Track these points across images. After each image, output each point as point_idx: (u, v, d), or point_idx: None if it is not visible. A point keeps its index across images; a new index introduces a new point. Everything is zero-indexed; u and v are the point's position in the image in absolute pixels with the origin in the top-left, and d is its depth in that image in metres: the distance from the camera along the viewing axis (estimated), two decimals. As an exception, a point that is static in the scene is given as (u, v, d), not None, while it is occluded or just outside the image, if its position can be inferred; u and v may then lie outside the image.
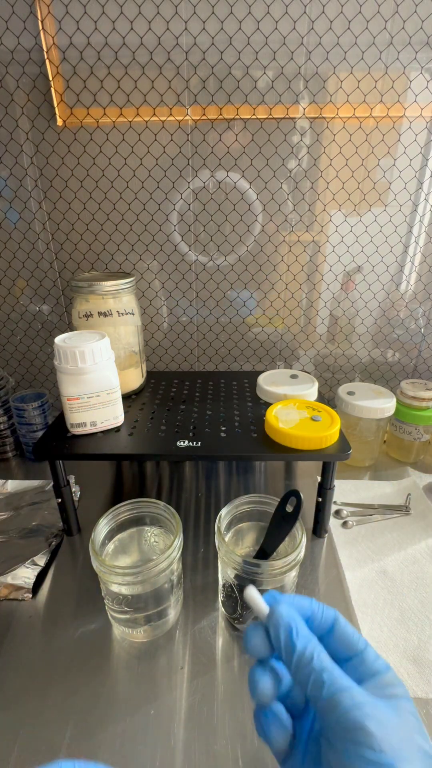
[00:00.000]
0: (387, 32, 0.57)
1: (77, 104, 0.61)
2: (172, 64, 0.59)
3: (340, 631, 0.25)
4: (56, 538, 0.53)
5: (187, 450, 0.48)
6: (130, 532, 0.45)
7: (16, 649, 0.41)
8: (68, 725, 0.35)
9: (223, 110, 0.61)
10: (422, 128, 0.62)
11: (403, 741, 0.20)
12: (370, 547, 0.52)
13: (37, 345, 0.77)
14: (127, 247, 0.70)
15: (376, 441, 0.67)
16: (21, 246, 0.70)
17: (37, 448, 0.49)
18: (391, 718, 0.21)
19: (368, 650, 0.24)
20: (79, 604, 0.46)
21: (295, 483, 0.66)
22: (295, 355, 0.79)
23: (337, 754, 0.21)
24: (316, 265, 0.71)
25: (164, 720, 0.35)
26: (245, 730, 0.35)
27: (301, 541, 0.39)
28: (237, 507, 0.44)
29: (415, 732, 0.21)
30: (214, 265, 0.71)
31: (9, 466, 0.70)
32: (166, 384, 0.67)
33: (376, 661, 0.24)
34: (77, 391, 0.48)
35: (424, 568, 0.49)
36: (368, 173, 0.65)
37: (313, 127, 0.62)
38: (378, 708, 0.21)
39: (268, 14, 0.56)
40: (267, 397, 0.60)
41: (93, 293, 0.55)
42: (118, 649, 0.41)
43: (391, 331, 0.77)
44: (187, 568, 0.49)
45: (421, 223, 0.68)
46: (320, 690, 0.22)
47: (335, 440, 0.48)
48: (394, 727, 0.21)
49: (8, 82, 0.60)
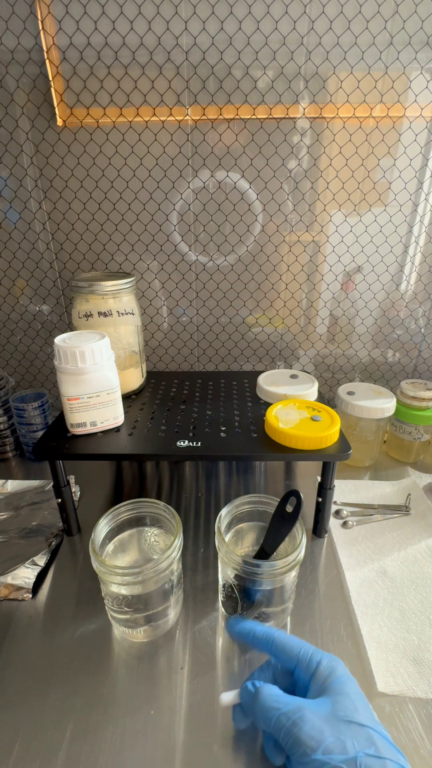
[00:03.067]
0: (387, 32, 0.57)
1: (77, 104, 0.61)
2: (172, 64, 0.59)
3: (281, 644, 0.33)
4: (56, 538, 0.53)
5: (187, 450, 0.48)
6: (130, 532, 0.45)
7: (16, 649, 0.41)
8: (68, 725, 0.35)
9: (223, 110, 0.61)
10: (422, 128, 0.62)
11: (330, 725, 0.27)
12: (370, 547, 0.52)
13: (37, 345, 0.77)
14: (127, 247, 0.70)
15: (376, 441, 0.67)
16: (21, 246, 0.70)
17: (37, 448, 0.49)
18: (320, 714, 0.28)
19: (302, 653, 0.32)
20: (79, 604, 0.45)
21: (295, 483, 0.66)
22: (295, 355, 0.79)
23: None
24: (316, 265, 0.71)
25: (164, 720, 0.35)
26: (245, 730, 0.34)
27: (301, 541, 0.39)
28: (237, 507, 0.44)
29: (347, 710, 0.28)
30: (214, 265, 0.71)
31: (9, 466, 0.70)
32: (166, 384, 0.67)
33: (309, 661, 0.32)
34: (77, 391, 0.48)
35: (424, 568, 0.49)
36: (368, 173, 0.65)
37: (313, 127, 0.62)
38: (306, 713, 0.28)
39: (268, 14, 0.56)
40: (267, 397, 0.60)
41: (93, 293, 0.55)
42: (118, 649, 0.41)
43: (391, 331, 0.77)
44: (187, 568, 0.49)
45: (421, 223, 0.68)
46: (279, 733, 0.29)
47: (335, 440, 0.48)
48: (322, 720, 0.28)
49: (8, 82, 0.60)
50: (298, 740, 0.27)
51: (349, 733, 0.27)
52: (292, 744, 0.27)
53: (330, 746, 0.26)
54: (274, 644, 0.33)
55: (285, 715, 0.28)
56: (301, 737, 0.27)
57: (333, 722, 0.27)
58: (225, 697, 0.33)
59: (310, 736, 0.27)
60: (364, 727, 0.27)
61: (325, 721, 0.28)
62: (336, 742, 0.26)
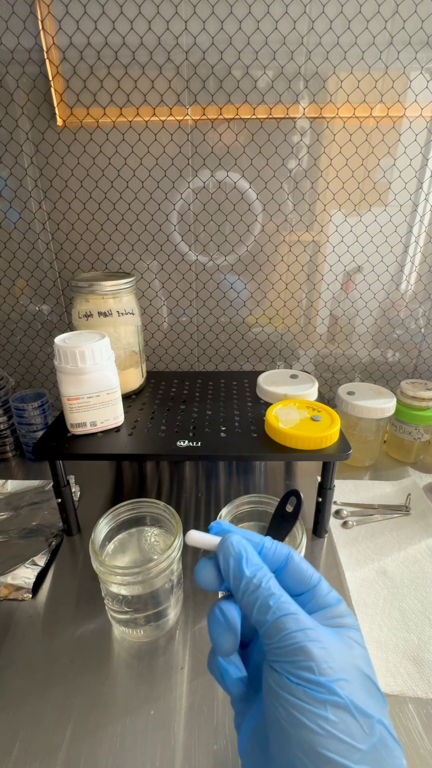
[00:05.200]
0: (387, 32, 0.57)
1: (77, 104, 0.61)
2: (172, 64, 0.59)
3: (294, 567, 0.24)
4: (56, 538, 0.53)
5: (187, 450, 0.48)
6: (130, 532, 0.45)
7: (16, 649, 0.41)
8: (68, 725, 0.35)
9: (223, 110, 0.61)
10: (422, 128, 0.62)
11: (345, 664, 0.20)
12: (370, 547, 0.52)
13: (37, 345, 0.77)
14: (127, 247, 0.70)
15: (376, 441, 0.67)
16: (21, 246, 0.70)
17: (37, 448, 0.49)
18: (335, 643, 0.21)
19: (321, 584, 0.24)
20: (79, 604, 0.45)
21: (295, 483, 0.66)
22: (295, 355, 0.79)
23: (276, 676, 0.20)
24: (316, 265, 0.71)
25: (164, 720, 0.35)
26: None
27: (301, 541, 0.39)
28: (237, 507, 0.44)
29: (359, 658, 0.21)
30: (214, 265, 0.71)
31: (9, 466, 0.70)
32: (166, 384, 0.67)
33: (329, 594, 0.24)
34: (77, 391, 0.48)
35: (424, 568, 0.49)
36: (368, 173, 0.65)
37: (313, 127, 0.62)
38: (322, 633, 0.21)
39: (268, 14, 0.56)
40: (267, 397, 0.60)
41: (93, 293, 0.55)
42: (118, 649, 0.41)
43: (391, 331, 0.77)
44: (187, 568, 0.49)
45: (421, 223, 0.68)
46: (265, 614, 0.21)
47: (335, 440, 0.48)
48: (337, 651, 0.20)
49: (8, 82, 0.60)
50: (304, 650, 0.20)
51: (365, 687, 0.20)
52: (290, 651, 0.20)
53: (344, 685, 0.19)
54: (291, 558, 0.24)
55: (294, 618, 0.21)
56: (312, 650, 0.20)
57: (348, 663, 0.20)
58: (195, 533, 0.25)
59: (322, 657, 0.20)
60: (380, 692, 0.21)
61: (339, 654, 0.20)
62: (351, 685, 0.19)
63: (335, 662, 0.20)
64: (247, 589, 0.22)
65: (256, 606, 0.21)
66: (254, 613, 0.21)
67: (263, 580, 0.22)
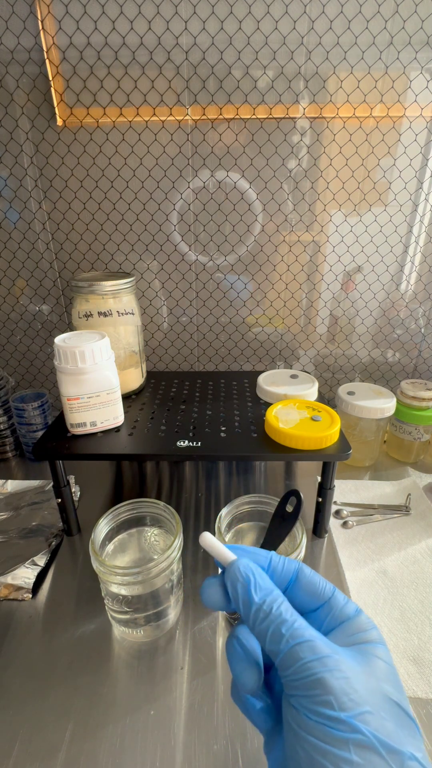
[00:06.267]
0: (387, 32, 0.57)
1: (77, 104, 0.61)
2: (172, 64, 0.59)
3: (305, 581, 0.23)
4: (56, 538, 0.53)
5: (187, 450, 0.48)
6: (130, 533, 0.45)
7: (16, 649, 0.41)
8: (68, 725, 0.35)
9: (223, 110, 0.61)
10: (422, 128, 0.62)
11: (369, 693, 0.18)
12: (370, 547, 0.52)
13: (37, 345, 0.77)
14: (127, 247, 0.70)
15: (376, 441, 0.67)
16: (21, 246, 0.70)
17: (37, 448, 0.49)
18: (356, 668, 0.19)
19: (336, 596, 0.23)
20: (79, 604, 0.45)
21: (295, 483, 0.66)
22: (295, 355, 0.79)
23: (294, 713, 0.19)
24: (316, 265, 0.71)
25: (164, 720, 0.35)
26: (245, 730, 0.35)
27: (301, 541, 0.39)
28: (237, 507, 0.44)
29: (383, 681, 0.19)
30: (214, 265, 0.71)
31: (9, 466, 0.70)
32: (166, 384, 0.67)
33: (346, 605, 0.22)
34: (77, 391, 0.48)
35: (424, 568, 0.49)
36: (368, 173, 0.65)
37: (313, 127, 0.62)
38: (342, 660, 0.19)
39: (268, 14, 0.56)
40: (267, 397, 0.60)
41: (93, 293, 0.55)
42: (118, 649, 0.41)
43: (391, 331, 0.77)
44: (187, 568, 0.49)
45: (421, 223, 0.68)
46: (278, 644, 0.20)
47: (335, 440, 0.48)
48: (359, 678, 0.19)
49: (8, 82, 0.60)
50: (321, 683, 0.18)
51: (393, 716, 0.18)
52: (306, 684, 0.18)
53: (368, 719, 0.18)
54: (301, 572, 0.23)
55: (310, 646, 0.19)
56: (329, 682, 0.18)
57: (372, 690, 0.19)
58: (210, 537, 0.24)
59: (341, 689, 0.18)
60: (410, 718, 0.19)
61: (362, 682, 0.19)
62: (376, 717, 0.18)
63: (357, 693, 0.18)
64: (257, 617, 0.21)
65: (269, 635, 0.20)
66: (267, 642, 0.20)
67: (273, 605, 0.21)
